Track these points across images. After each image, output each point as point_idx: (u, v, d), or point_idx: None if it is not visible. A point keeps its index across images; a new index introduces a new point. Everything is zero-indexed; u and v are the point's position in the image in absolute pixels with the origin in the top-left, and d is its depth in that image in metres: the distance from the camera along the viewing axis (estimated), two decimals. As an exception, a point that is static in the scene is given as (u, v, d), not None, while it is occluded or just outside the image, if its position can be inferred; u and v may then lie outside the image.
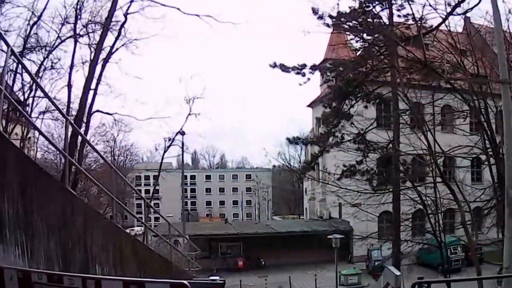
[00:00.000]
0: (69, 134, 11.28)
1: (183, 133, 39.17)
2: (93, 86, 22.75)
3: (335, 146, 22.22)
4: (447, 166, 23.92)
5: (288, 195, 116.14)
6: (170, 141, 38.51)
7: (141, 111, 58.08)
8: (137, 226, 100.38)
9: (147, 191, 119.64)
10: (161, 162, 42.96)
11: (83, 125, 23.26)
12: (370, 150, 22.68)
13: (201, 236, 47.85)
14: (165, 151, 40.00)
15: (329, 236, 26.32)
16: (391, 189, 22.30)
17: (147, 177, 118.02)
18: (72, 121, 15.03)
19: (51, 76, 25.13)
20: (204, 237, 48.18)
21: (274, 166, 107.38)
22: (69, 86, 22.97)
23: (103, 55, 23.26)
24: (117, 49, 23.99)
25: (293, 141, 21.94)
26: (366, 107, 24.11)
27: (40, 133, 10.16)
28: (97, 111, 25.37)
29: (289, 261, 46.46)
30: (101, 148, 53.77)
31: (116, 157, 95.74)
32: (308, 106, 61.37)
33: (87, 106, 23.00)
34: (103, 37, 22.05)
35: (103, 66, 23.05)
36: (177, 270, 16.97)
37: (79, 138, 19.13)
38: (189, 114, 37.14)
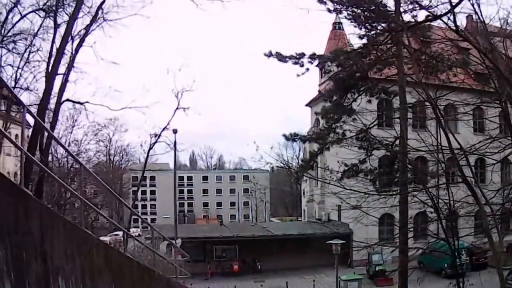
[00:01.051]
0: (24, 123, 9.51)
1: (175, 131, 37.30)
2: (63, 71, 20.92)
3: (336, 143, 20.26)
4: (453, 166, 22.08)
5: (286, 197, 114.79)
6: (156, 137, 36.67)
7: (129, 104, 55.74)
8: (133, 227, 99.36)
9: (143, 192, 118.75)
10: (146, 160, 40.96)
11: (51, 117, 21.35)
12: (374, 147, 20.83)
13: (195, 239, 46.14)
14: (150, 148, 38.17)
15: (329, 242, 24.50)
16: (398, 191, 20.37)
17: (143, 178, 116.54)
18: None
19: (36, 68, 23.48)
20: (198, 240, 46.40)
21: (272, 167, 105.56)
22: (47, 76, 21.08)
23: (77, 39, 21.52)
24: (92, 30, 22.16)
25: (290, 137, 19.99)
26: (369, 101, 22.27)
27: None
28: (67, 100, 23.51)
29: (286, 265, 44.86)
30: (93, 148, 52.50)
31: (111, 157, 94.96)
32: (307, 105, 59.93)
33: (53, 94, 21.07)
34: (75, 13, 20.15)
35: (76, 51, 21.19)
36: (159, 279, 15.13)
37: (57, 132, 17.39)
38: (177, 108, 35.54)
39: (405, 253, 18.30)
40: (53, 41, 21.47)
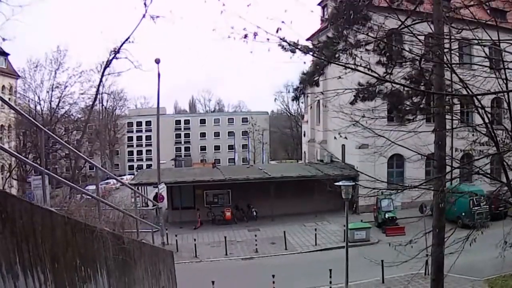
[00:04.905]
0: None
1: (158, 61, 32.26)
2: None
3: (348, 53, 15.06)
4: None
5: (286, 140, 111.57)
6: (115, 53, 31.51)
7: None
8: (128, 174, 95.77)
9: (139, 138, 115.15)
10: (101, 78, 35.27)
11: None
12: (397, 62, 15.84)
13: (182, 183, 41.67)
14: (106, 65, 32.87)
15: (337, 183, 19.87)
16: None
17: (139, 123, 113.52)
18: None
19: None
20: (186, 184, 41.88)
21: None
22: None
23: None
24: None
25: (289, 47, 14.90)
26: (390, 6, 17.02)
27: None
28: None
29: (285, 212, 40.79)
30: (77, 90, 48.22)
31: (104, 103, 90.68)
32: (308, 39, 54.70)
33: None
34: None
35: None
36: (102, 237, 10.37)
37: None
38: (144, 16, 30.52)
39: (441, 197, 13.57)
40: None
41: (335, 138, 14.53)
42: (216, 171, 46.48)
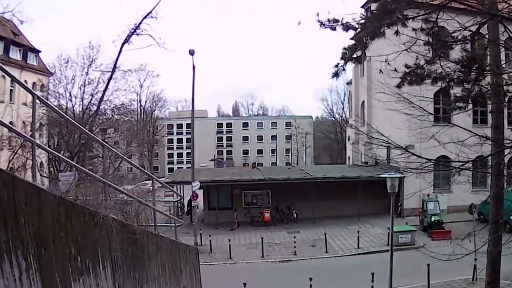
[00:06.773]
0: None
1: (192, 53, 31.03)
2: None
3: (392, 27, 13.28)
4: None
5: (330, 145, 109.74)
6: (135, 27, 30.11)
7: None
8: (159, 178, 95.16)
9: (179, 140, 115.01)
10: (118, 54, 33.03)
11: None
12: (448, 42, 14.14)
13: (219, 182, 40.46)
14: (125, 41, 31.25)
15: (382, 175, 18.91)
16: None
17: (179, 126, 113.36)
18: None
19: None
20: (223, 183, 40.65)
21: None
22: None
23: None
24: None
25: (328, 24, 13.21)
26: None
27: None
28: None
29: (327, 213, 39.20)
30: (111, 87, 47.14)
31: (142, 104, 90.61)
32: (352, 38, 52.95)
33: None
34: None
35: None
36: (107, 225, 8.99)
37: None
38: None
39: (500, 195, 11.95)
40: None
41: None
42: (255, 171, 45.23)
